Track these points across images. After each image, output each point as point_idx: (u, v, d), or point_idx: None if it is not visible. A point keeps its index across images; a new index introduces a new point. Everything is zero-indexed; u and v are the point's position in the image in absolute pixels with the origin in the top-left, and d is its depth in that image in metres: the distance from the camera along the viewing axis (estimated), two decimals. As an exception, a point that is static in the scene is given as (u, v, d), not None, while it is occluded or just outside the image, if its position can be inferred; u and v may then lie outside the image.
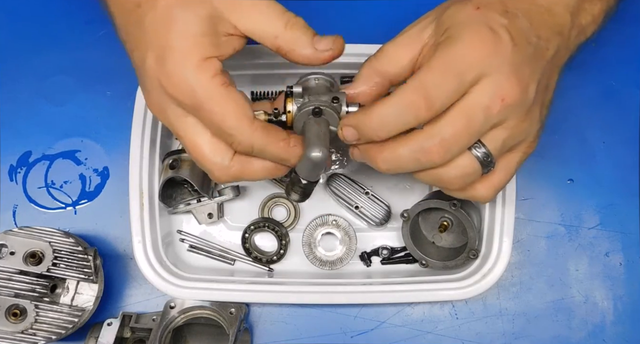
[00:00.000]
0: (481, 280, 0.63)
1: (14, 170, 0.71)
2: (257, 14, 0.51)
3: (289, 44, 0.52)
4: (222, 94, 0.49)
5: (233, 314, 0.64)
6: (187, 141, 0.51)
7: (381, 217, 0.69)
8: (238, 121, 0.49)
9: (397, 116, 0.48)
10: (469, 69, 0.47)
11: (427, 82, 0.47)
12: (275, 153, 0.52)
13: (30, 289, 0.62)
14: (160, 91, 0.50)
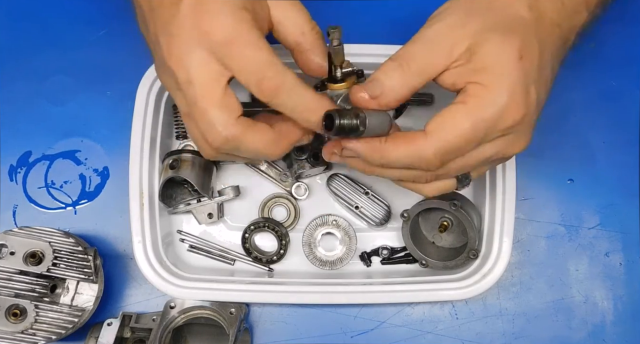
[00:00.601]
0: (481, 280, 0.63)
1: (14, 170, 0.71)
2: (292, 7, 0.53)
3: (310, 44, 0.53)
4: (258, 33, 0.48)
5: (233, 314, 0.64)
6: (201, 88, 0.49)
7: (381, 217, 0.69)
8: (272, 56, 0.48)
9: (407, 162, 0.49)
10: (495, 134, 0.48)
11: (448, 147, 0.47)
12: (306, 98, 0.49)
13: (30, 289, 0.62)
14: (191, 32, 0.48)
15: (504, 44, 0.47)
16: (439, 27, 0.49)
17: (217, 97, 0.49)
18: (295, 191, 0.71)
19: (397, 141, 0.49)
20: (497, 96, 0.47)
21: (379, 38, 0.69)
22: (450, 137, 0.47)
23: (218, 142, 0.50)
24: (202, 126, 0.50)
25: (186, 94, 0.49)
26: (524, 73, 0.47)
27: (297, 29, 0.52)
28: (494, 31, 0.48)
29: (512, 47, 0.47)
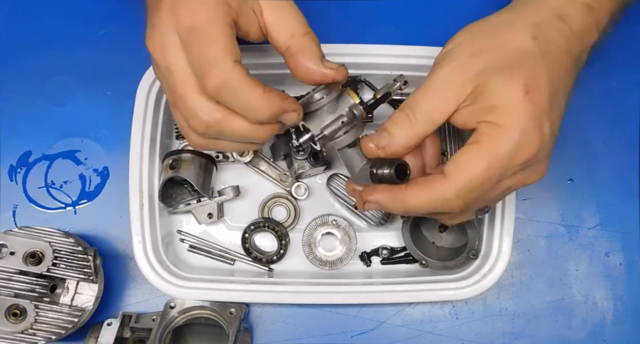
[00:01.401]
0: (481, 280, 0.63)
1: (14, 170, 0.71)
2: (287, 11, 0.52)
3: (300, 47, 0.52)
4: (223, 28, 0.48)
5: (233, 314, 0.64)
6: (175, 78, 0.49)
7: (381, 217, 0.69)
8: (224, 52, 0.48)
9: (429, 208, 0.50)
10: (511, 170, 0.48)
11: (468, 187, 0.48)
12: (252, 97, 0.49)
13: (30, 289, 0.62)
14: (169, 21, 0.48)
15: (507, 81, 0.48)
16: (442, 73, 0.51)
17: (195, 82, 0.49)
18: (295, 191, 0.71)
19: (417, 187, 0.50)
20: (509, 134, 0.47)
21: (379, 38, 0.69)
22: (469, 178, 0.48)
23: (201, 127, 0.50)
24: (185, 112, 0.51)
25: (168, 82, 0.50)
26: (533, 107, 0.47)
27: (287, 31, 0.52)
28: (497, 70, 0.49)
29: (516, 84, 0.48)
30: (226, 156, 0.70)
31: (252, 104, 0.49)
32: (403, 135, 0.51)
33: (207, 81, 0.48)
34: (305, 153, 0.68)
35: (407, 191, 0.51)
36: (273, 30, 0.52)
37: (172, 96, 0.51)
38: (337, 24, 0.73)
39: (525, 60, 0.49)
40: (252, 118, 0.50)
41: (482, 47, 0.51)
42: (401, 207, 0.51)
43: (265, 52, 0.66)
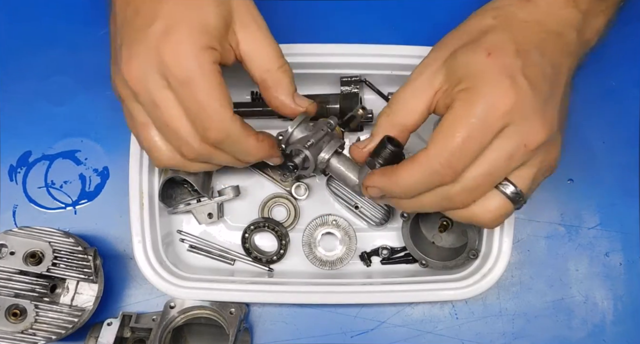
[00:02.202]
0: (481, 280, 0.63)
1: (14, 170, 0.71)
2: (262, 44, 0.54)
3: (275, 82, 0.55)
4: (215, 78, 0.50)
5: (233, 314, 0.64)
6: (163, 111, 0.51)
7: (381, 217, 0.69)
8: (222, 106, 0.51)
9: (423, 183, 0.50)
10: (492, 126, 0.47)
11: (448, 151, 0.48)
12: (247, 146, 0.54)
13: (30, 289, 0.62)
14: (152, 58, 0.49)
15: (470, 52, 0.50)
16: (417, 68, 0.54)
17: (185, 119, 0.51)
18: (295, 191, 0.71)
19: (405, 165, 0.51)
20: (477, 92, 0.48)
21: (379, 38, 0.69)
22: (446, 142, 0.48)
23: (193, 155, 0.53)
24: (176, 141, 0.53)
25: (151, 111, 0.52)
26: (498, 64, 0.48)
27: (263, 65, 0.54)
28: (461, 48, 0.51)
29: (478, 51, 0.49)
30: (226, 156, 0.70)
31: (246, 152, 0.54)
32: (381, 128, 0.54)
33: (207, 134, 0.51)
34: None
35: (398, 171, 0.51)
36: (249, 63, 0.55)
37: (158, 124, 0.52)
38: (337, 24, 0.73)
39: (485, 32, 0.51)
40: (242, 160, 0.56)
41: (449, 38, 0.54)
42: (397, 188, 0.51)
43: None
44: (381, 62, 0.66)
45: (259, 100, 0.71)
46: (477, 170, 0.49)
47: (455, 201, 0.51)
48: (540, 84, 0.49)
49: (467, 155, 0.48)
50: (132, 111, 0.53)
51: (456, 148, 0.48)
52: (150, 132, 0.54)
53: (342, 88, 0.68)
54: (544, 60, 0.50)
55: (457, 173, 0.49)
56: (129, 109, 0.54)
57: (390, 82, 0.70)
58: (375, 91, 0.70)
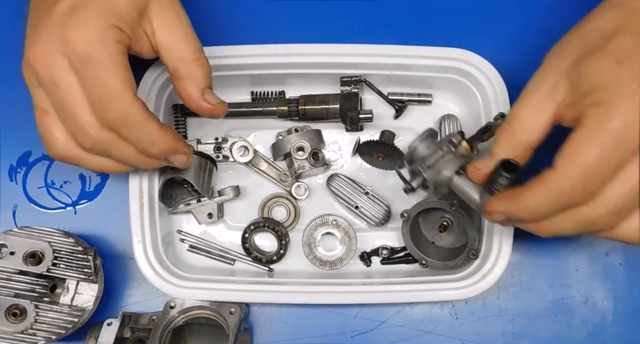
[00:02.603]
0: (481, 280, 0.63)
1: (14, 170, 0.71)
2: (179, 35, 0.54)
3: (187, 73, 0.53)
4: (118, 57, 0.49)
5: (233, 314, 0.64)
6: (63, 93, 0.49)
7: (381, 217, 0.69)
8: (124, 86, 0.49)
9: (551, 206, 0.47)
10: (628, 146, 0.44)
11: (580, 171, 0.45)
12: (149, 132, 0.51)
13: (30, 289, 0.62)
14: (56, 37, 0.49)
15: (596, 61, 0.46)
16: (534, 79, 0.50)
17: (85, 101, 0.49)
18: (295, 191, 0.71)
19: (530, 186, 0.48)
20: (612, 107, 0.44)
21: (379, 38, 0.69)
22: (577, 161, 0.45)
23: (89, 144, 0.51)
24: (73, 127, 0.51)
25: (52, 94, 0.50)
26: (631, 73, 0.44)
27: (177, 54, 0.54)
28: (584, 56, 0.47)
29: (606, 59, 0.46)
30: (226, 156, 0.70)
31: (147, 139, 0.51)
32: (502, 149, 0.51)
33: (106, 114, 0.49)
34: (305, 153, 0.67)
35: (523, 193, 0.48)
36: (163, 53, 0.54)
37: (58, 107, 0.51)
38: (337, 24, 0.73)
39: (612, 36, 0.47)
40: (143, 150, 0.52)
41: (566, 44, 0.50)
42: (524, 212, 0.49)
43: (264, 52, 0.66)
44: (381, 62, 0.67)
45: (258, 100, 0.71)
46: (620, 190, 0.46)
47: (600, 224, 0.48)
48: None
49: (601, 175, 0.45)
50: (34, 97, 0.52)
51: (589, 168, 0.45)
52: (48, 119, 0.52)
53: (342, 88, 0.68)
54: None
55: (591, 195, 0.46)
56: (32, 95, 0.52)
57: (390, 82, 0.70)
58: (375, 91, 0.70)
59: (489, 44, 0.70)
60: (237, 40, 0.71)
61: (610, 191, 0.46)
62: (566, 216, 0.48)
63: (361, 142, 0.69)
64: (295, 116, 0.70)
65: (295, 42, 0.66)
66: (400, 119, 0.71)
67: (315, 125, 0.71)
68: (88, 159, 0.53)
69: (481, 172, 0.52)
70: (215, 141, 0.70)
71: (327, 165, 0.70)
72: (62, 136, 0.52)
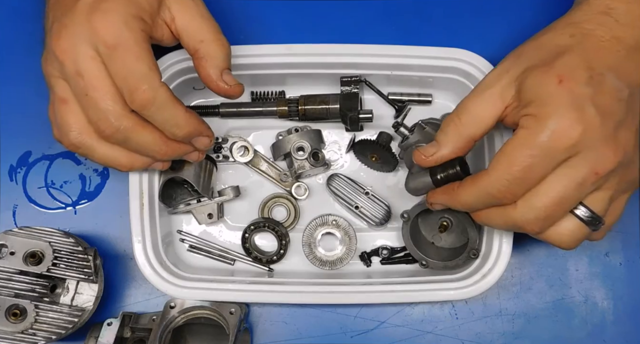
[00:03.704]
0: (481, 280, 0.63)
1: (14, 170, 0.71)
2: (198, 18, 0.55)
3: (207, 53, 0.55)
4: (145, 44, 0.51)
5: (233, 314, 0.64)
6: (86, 81, 0.51)
7: (381, 217, 0.69)
8: (151, 70, 0.51)
9: (481, 203, 0.52)
10: (554, 158, 0.48)
11: (507, 178, 0.49)
12: (176, 114, 0.53)
13: (30, 289, 0.62)
14: (82, 28, 0.50)
15: (542, 74, 0.49)
16: (489, 77, 0.53)
17: (109, 88, 0.51)
18: (295, 191, 0.71)
19: (464, 185, 0.53)
20: (544, 121, 0.48)
21: (379, 38, 0.69)
22: (506, 168, 0.49)
23: (110, 130, 0.52)
24: (95, 114, 0.52)
25: (75, 83, 0.51)
26: (567, 93, 0.48)
27: (197, 36, 0.55)
28: (534, 67, 0.50)
29: (550, 75, 0.49)
30: (226, 156, 0.70)
31: (175, 120, 0.53)
32: (448, 139, 0.54)
33: (135, 95, 0.50)
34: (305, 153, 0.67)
35: (458, 190, 0.54)
36: (184, 36, 0.56)
37: (79, 97, 0.52)
38: (337, 24, 0.73)
39: (560, 53, 0.50)
40: (170, 133, 0.54)
41: (524, 50, 0.53)
42: (459, 205, 0.54)
43: (264, 52, 0.66)
44: (381, 62, 0.67)
45: (258, 100, 0.71)
46: (546, 199, 0.49)
47: (526, 228, 0.51)
48: (613, 109, 0.48)
49: (526, 183, 0.49)
50: (54, 87, 0.54)
51: (516, 177, 0.48)
52: (66, 108, 0.53)
53: (342, 88, 0.68)
54: (620, 83, 0.49)
55: (517, 197, 0.50)
56: (52, 86, 0.54)
57: (390, 82, 0.70)
58: (375, 91, 0.70)
59: (489, 44, 0.70)
60: (237, 40, 0.71)
61: (536, 199, 0.49)
62: (497, 213, 0.52)
63: (357, 140, 0.69)
64: (295, 116, 0.70)
65: (295, 42, 0.66)
66: (399, 119, 0.71)
67: (315, 125, 0.71)
68: (101, 149, 0.55)
69: (428, 160, 0.55)
70: (216, 141, 0.70)
71: (327, 165, 0.70)
72: (79, 123, 0.54)
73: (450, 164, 0.56)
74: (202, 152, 0.60)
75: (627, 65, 0.50)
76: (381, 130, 0.70)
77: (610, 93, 0.48)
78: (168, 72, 0.66)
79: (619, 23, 0.51)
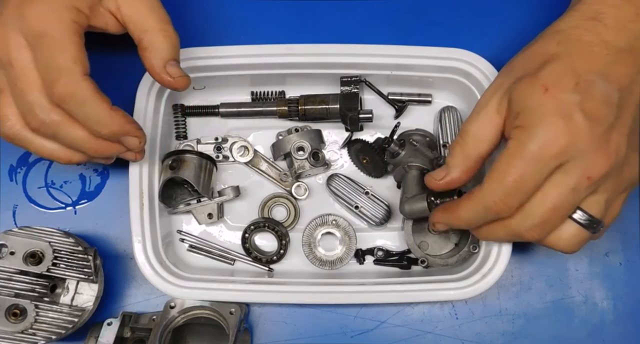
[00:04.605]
0: (481, 280, 0.63)
1: (14, 170, 0.71)
2: (146, 7, 0.54)
3: (151, 44, 0.54)
4: (73, 36, 0.50)
5: (233, 314, 0.64)
6: (16, 70, 0.50)
7: (381, 217, 0.69)
8: (75, 63, 0.50)
9: (480, 218, 0.53)
10: (545, 166, 0.48)
11: (502, 190, 0.49)
12: (98, 111, 0.51)
13: (30, 289, 0.62)
14: (15, 16, 0.50)
15: (528, 85, 0.50)
16: (484, 95, 0.54)
17: (35, 79, 0.50)
18: (295, 190, 0.71)
19: (462, 201, 0.53)
20: (532, 131, 0.48)
21: (378, 38, 0.69)
22: (499, 181, 0.49)
23: (36, 123, 0.51)
24: (22, 106, 0.51)
25: (8, 72, 0.51)
26: (553, 101, 0.48)
27: (143, 26, 0.54)
28: (521, 78, 0.51)
29: (535, 85, 0.49)
30: (226, 156, 0.70)
31: (96, 117, 0.51)
32: (456, 162, 0.55)
33: (54, 88, 0.49)
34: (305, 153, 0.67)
35: (458, 207, 0.54)
36: (129, 25, 0.55)
37: (11, 87, 0.51)
38: (337, 24, 0.73)
39: (547, 62, 0.50)
40: (93, 130, 0.52)
41: (516, 63, 0.54)
42: (460, 222, 0.55)
43: (265, 52, 0.66)
44: (381, 62, 0.67)
45: (258, 100, 0.71)
46: (542, 207, 0.49)
47: (526, 237, 0.52)
48: (603, 114, 0.48)
49: (521, 193, 0.49)
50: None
51: (509, 188, 0.49)
52: (1, 97, 0.52)
53: (342, 88, 0.68)
54: (610, 87, 0.49)
55: (513, 209, 0.50)
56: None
57: (390, 82, 0.70)
58: (375, 91, 0.70)
59: (489, 44, 0.70)
60: (237, 40, 0.71)
61: (532, 207, 0.50)
62: (498, 226, 0.53)
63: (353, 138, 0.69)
64: (295, 116, 0.70)
65: (295, 42, 0.66)
66: (400, 119, 0.71)
67: (315, 125, 0.71)
68: (35, 141, 0.53)
69: (439, 183, 0.56)
70: (215, 141, 0.70)
71: (327, 165, 0.70)
72: (12, 115, 0.52)
73: (449, 192, 0.59)
74: (139, 153, 0.58)
75: (617, 69, 0.50)
76: (380, 131, 0.70)
77: (599, 98, 0.48)
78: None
79: (607, 27, 0.51)
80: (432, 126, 0.71)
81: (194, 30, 0.73)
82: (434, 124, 0.71)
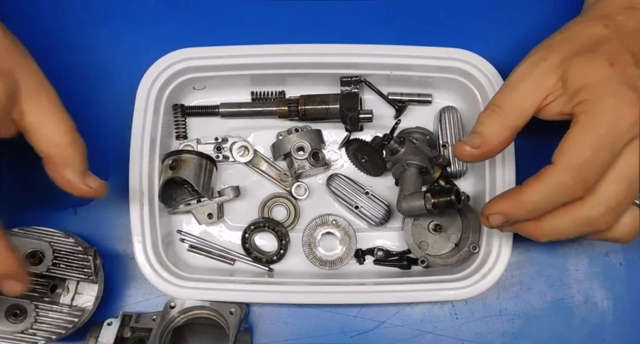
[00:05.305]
0: (481, 280, 0.63)
1: (14, 170, 0.71)
2: (52, 116, 0.51)
3: (64, 160, 0.51)
4: None
5: (233, 314, 0.64)
6: None
7: (381, 217, 0.69)
8: None
9: (551, 200, 0.49)
10: (620, 139, 0.47)
11: (578, 163, 0.47)
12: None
13: (30, 289, 0.62)
14: None
15: (590, 61, 0.49)
16: (522, 68, 0.52)
17: None
18: (295, 190, 0.71)
19: (530, 182, 0.49)
20: (603, 103, 0.47)
21: (378, 38, 0.69)
22: (575, 154, 0.47)
23: None
24: None
25: None
26: (620, 74, 0.48)
27: (51, 139, 0.51)
28: (577, 55, 0.50)
29: (599, 60, 0.49)
30: (226, 156, 0.70)
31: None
32: (493, 130, 0.52)
33: None
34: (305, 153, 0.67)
35: (523, 190, 0.50)
36: (35, 136, 0.51)
37: None
38: (337, 24, 0.73)
39: (601, 42, 0.51)
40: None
41: (558, 41, 0.53)
42: (523, 208, 0.50)
43: (265, 52, 0.66)
44: (381, 62, 0.67)
45: (258, 100, 0.71)
46: (617, 186, 0.48)
47: (599, 223, 0.49)
48: None
49: (597, 167, 0.47)
50: None
51: (586, 161, 0.47)
52: None
53: (342, 88, 0.68)
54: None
55: (589, 186, 0.48)
56: None
57: (390, 82, 0.70)
58: (375, 91, 0.70)
59: (489, 44, 0.70)
60: (237, 40, 0.71)
61: (606, 185, 0.48)
62: (565, 216, 0.50)
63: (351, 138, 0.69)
64: (295, 116, 0.70)
65: (295, 42, 0.66)
66: (400, 119, 0.71)
67: (315, 125, 0.71)
68: None
69: (472, 154, 0.52)
70: (215, 141, 0.70)
71: (327, 165, 0.70)
72: None
73: (446, 191, 0.59)
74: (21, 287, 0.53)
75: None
76: (380, 131, 0.70)
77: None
78: (168, 72, 0.66)
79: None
80: (432, 126, 0.71)
81: (194, 30, 0.73)
82: (434, 124, 0.71)
